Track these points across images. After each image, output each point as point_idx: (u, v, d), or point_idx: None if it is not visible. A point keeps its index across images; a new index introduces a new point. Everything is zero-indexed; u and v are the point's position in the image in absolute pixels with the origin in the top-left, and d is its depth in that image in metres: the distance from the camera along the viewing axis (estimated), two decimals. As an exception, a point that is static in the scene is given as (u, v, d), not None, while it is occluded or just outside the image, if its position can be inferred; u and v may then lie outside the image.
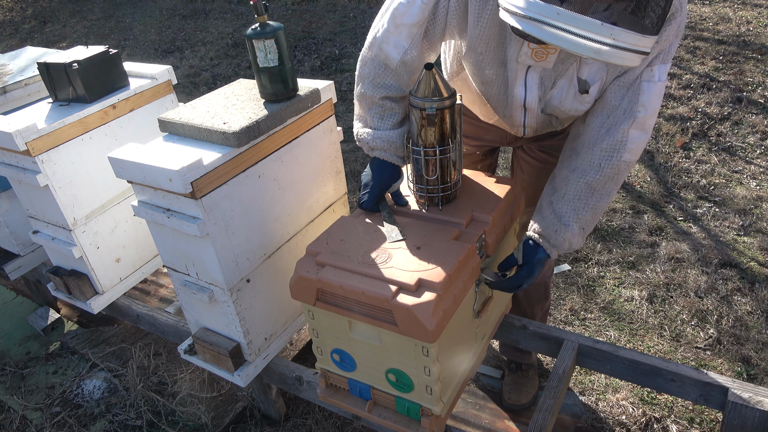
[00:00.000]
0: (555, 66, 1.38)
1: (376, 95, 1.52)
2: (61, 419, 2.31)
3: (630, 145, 1.37)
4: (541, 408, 1.65)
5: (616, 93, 1.38)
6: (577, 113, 1.46)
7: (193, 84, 5.55)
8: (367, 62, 1.52)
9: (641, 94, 1.35)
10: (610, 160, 1.39)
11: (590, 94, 1.39)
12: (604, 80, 1.38)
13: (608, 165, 1.39)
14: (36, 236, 2.31)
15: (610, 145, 1.38)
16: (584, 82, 1.38)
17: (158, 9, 8.37)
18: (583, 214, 1.45)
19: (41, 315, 2.93)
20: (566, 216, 1.46)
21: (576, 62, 1.36)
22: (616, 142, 1.38)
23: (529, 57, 1.37)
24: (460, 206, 1.62)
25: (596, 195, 1.43)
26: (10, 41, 7.89)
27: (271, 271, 1.86)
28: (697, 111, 4.03)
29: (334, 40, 6.14)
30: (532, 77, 1.42)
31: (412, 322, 1.32)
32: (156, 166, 1.54)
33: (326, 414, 2.21)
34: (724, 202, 3.16)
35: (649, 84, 1.34)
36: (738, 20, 5.38)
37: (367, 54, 1.52)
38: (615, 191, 1.45)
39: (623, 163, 1.39)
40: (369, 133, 1.56)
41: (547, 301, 2.12)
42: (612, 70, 1.36)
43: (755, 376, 2.19)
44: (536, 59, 1.37)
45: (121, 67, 2.20)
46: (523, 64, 1.40)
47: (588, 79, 1.38)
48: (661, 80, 1.34)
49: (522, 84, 1.44)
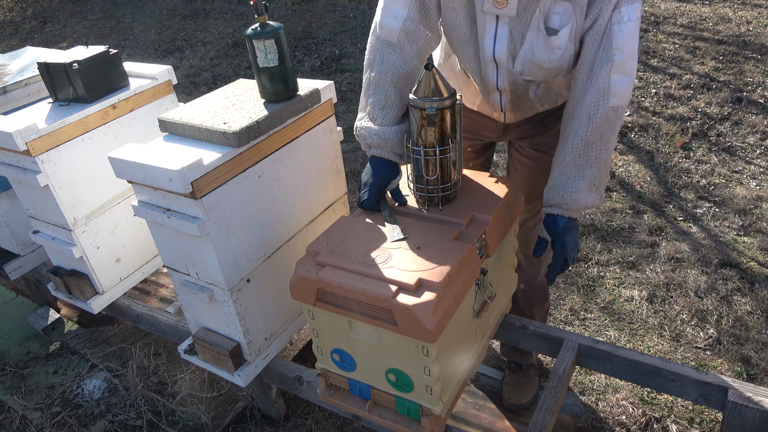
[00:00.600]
0: (519, 14, 1.40)
1: (383, 79, 1.53)
2: (61, 419, 2.31)
3: (614, 90, 1.37)
4: (541, 408, 1.65)
5: (592, 45, 1.39)
6: (551, 65, 1.45)
7: (193, 84, 5.55)
8: (372, 46, 1.55)
9: (614, 38, 1.36)
10: (598, 109, 1.39)
11: (560, 37, 1.40)
12: (575, 26, 1.39)
13: (597, 114, 1.40)
14: (36, 236, 2.31)
15: (595, 95, 1.40)
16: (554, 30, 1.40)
17: (158, 9, 8.37)
18: (588, 170, 1.45)
19: (41, 315, 2.93)
20: (571, 176, 1.47)
21: (538, 8, 1.38)
22: (599, 90, 1.38)
23: (491, 5, 1.41)
24: (460, 206, 1.62)
25: (595, 147, 1.43)
26: (10, 41, 7.89)
27: (271, 271, 1.86)
28: (697, 111, 4.03)
29: (334, 40, 6.14)
30: (502, 30, 1.44)
31: (412, 322, 1.32)
32: (156, 166, 1.54)
33: (326, 414, 2.21)
34: (724, 202, 3.16)
35: (620, 26, 1.35)
36: (738, 20, 5.38)
37: (371, 39, 1.56)
38: (613, 140, 1.45)
39: (611, 109, 1.39)
40: (367, 129, 1.57)
41: (546, 302, 2.12)
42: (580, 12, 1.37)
43: (755, 376, 2.19)
44: (498, 6, 1.40)
45: (121, 67, 2.20)
46: (489, 14, 1.43)
47: (557, 27, 1.39)
48: (632, 20, 1.35)
49: (492, 37, 1.46)
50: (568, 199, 1.47)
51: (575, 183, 1.46)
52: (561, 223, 1.51)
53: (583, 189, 1.46)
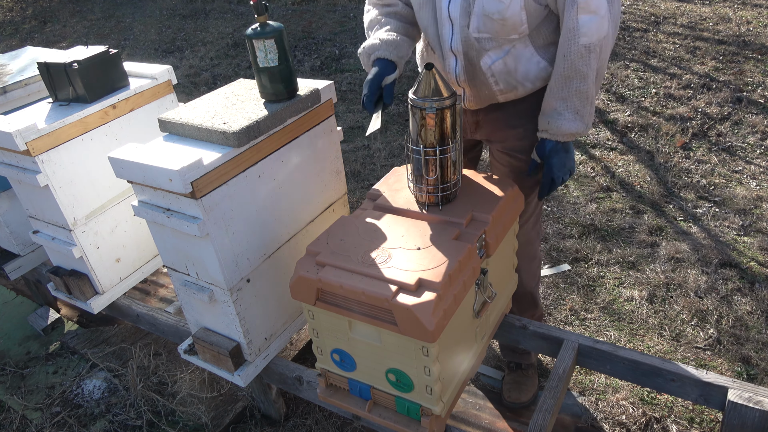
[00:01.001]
0: None
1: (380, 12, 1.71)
2: (61, 419, 2.31)
3: (582, 29, 1.46)
4: (541, 408, 1.65)
5: None
6: (500, 17, 1.50)
7: (193, 84, 5.55)
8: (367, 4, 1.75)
9: None
10: (570, 47, 1.50)
11: None
12: None
13: (570, 53, 1.50)
14: (36, 236, 2.31)
15: (566, 35, 1.50)
16: None
17: (158, 9, 8.37)
18: (570, 101, 1.57)
19: (41, 315, 2.93)
20: (556, 106, 1.60)
21: None
22: (569, 30, 1.48)
23: None
24: (460, 206, 1.62)
25: (574, 81, 1.54)
26: (10, 41, 7.89)
27: (271, 271, 1.86)
28: (697, 111, 4.03)
29: (334, 40, 6.14)
30: None
31: (412, 322, 1.32)
32: (156, 166, 1.54)
33: (326, 414, 2.21)
34: (724, 202, 3.16)
35: None
36: (738, 20, 5.38)
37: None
38: (591, 74, 1.52)
39: (583, 47, 1.48)
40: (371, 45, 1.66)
41: (536, 309, 2.12)
42: None
43: (755, 376, 2.19)
44: None
45: (121, 67, 2.20)
46: None
47: None
48: None
49: None
50: (554, 125, 1.60)
51: (560, 111, 1.59)
52: (548, 146, 1.64)
53: (568, 117, 1.58)
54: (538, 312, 2.14)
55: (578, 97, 1.55)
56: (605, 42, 1.50)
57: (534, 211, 1.90)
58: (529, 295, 2.07)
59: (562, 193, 3.35)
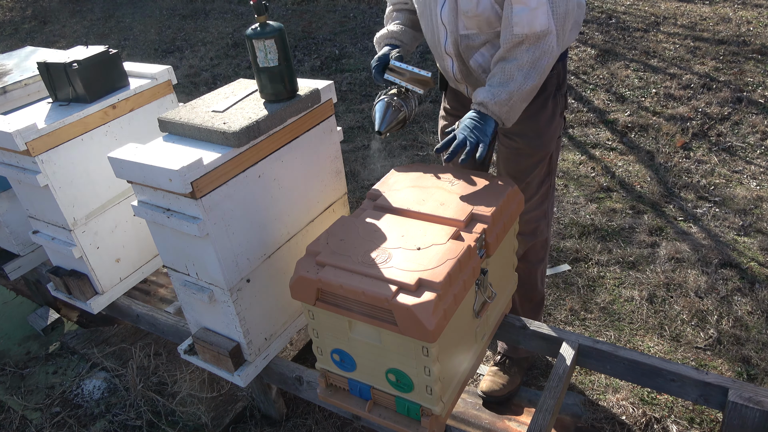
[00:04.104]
0: None
1: (394, 8, 1.93)
2: (61, 419, 2.31)
3: (515, 19, 1.53)
4: (541, 408, 1.65)
5: None
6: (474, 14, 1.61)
7: (193, 84, 5.55)
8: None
9: None
10: (506, 35, 1.57)
11: None
12: None
13: (506, 40, 1.58)
14: (36, 236, 2.31)
15: (504, 24, 1.58)
16: None
17: (158, 9, 8.37)
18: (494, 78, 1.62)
19: (41, 315, 2.93)
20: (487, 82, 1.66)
21: None
22: (505, 19, 1.56)
23: None
24: (460, 206, 1.62)
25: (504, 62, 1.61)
26: (10, 41, 7.89)
27: (271, 271, 1.86)
28: (697, 111, 4.03)
29: (334, 40, 6.14)
30: None
31: (412, 322, 1.32)
32: (156, 166, 1.54)
33: (326, 414, 2.21)
34: (724, 202, 3.16)
35: None
36: (738, 20, 5.38)
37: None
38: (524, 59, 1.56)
39: (516, 36, 1.54)
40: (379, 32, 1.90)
41: (535, 291, 2.16)
42: None
43: (755, 376, 2.19)
44: None
45: (121, 67, 2.20)
46: None
47: None
48: None
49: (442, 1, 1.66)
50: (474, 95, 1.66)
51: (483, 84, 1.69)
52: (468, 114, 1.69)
53: (485, 88, 1.64)
54: (537, 295, 2.16)
55: (501, 74, 1.60)
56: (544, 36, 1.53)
57: (538, 191, 1.94)
58: (529, 272, 2.09)
59: (562, 193, 3.35)
